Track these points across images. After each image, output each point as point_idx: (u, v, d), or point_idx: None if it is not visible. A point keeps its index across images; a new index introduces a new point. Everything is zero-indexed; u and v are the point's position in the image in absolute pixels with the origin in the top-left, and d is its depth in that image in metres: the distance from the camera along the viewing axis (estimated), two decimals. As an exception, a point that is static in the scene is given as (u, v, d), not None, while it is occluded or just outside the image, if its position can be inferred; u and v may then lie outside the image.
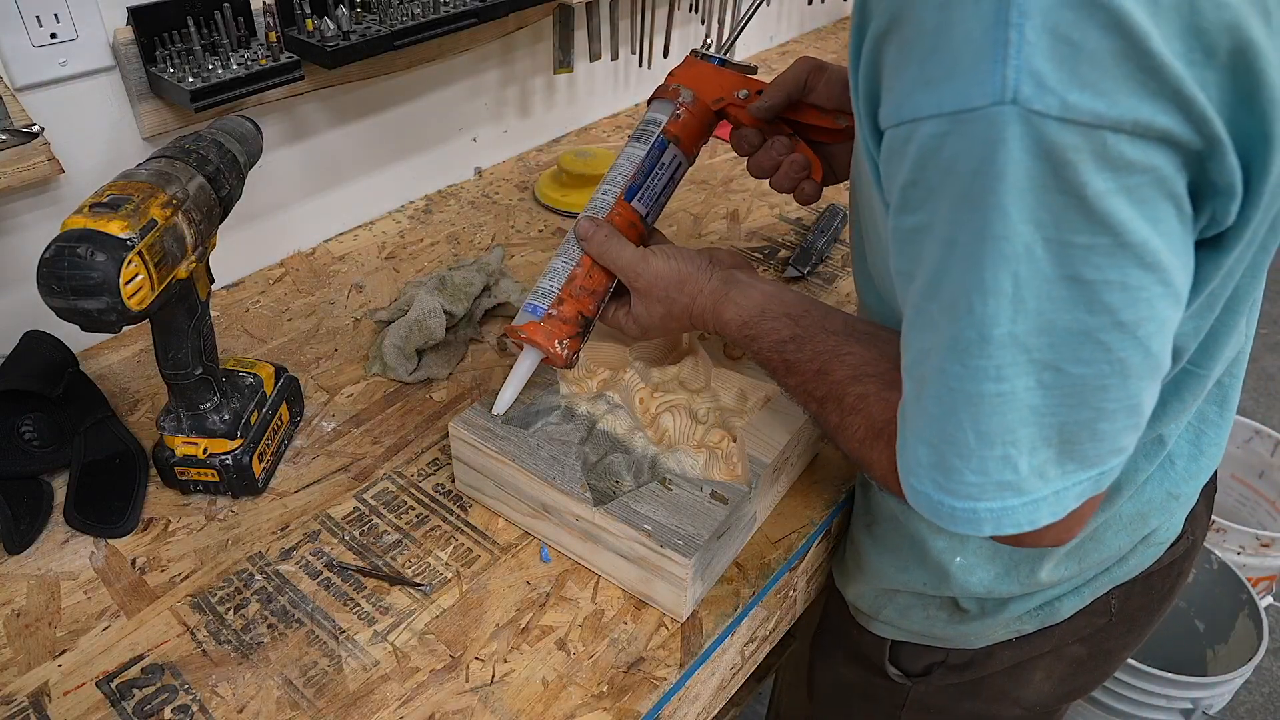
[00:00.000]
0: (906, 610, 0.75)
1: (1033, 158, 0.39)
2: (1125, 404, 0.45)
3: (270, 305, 1.01)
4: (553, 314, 0.71)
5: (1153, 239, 0.41)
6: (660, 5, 1.37)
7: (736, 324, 0.67)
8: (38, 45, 0.80)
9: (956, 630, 0.73)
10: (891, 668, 0.79)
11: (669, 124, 0.76)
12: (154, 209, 0.63)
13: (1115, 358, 0.44)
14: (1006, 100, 0.39)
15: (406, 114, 1.15)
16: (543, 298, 0.72)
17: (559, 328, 0.71)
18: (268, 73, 0.88)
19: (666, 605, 0.68)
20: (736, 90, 0.77)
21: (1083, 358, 0.44)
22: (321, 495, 0.78)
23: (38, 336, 0.83)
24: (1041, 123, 0.38)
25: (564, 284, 0.72)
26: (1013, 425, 0.46)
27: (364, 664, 0.65)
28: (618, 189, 0.74)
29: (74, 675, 0.64)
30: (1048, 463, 0.47)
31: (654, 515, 0.66)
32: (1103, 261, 0.41)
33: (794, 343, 0.63)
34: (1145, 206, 0.41)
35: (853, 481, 0.81)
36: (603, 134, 1.40)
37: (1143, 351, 0.44)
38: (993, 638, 0.73)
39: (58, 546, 0.73)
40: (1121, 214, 0.40)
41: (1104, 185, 0.39)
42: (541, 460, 0.70)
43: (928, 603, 0.73)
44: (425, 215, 1.18)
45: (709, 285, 0.69)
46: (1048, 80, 0.38)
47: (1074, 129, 0.38)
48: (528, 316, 0.72)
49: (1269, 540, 1.56)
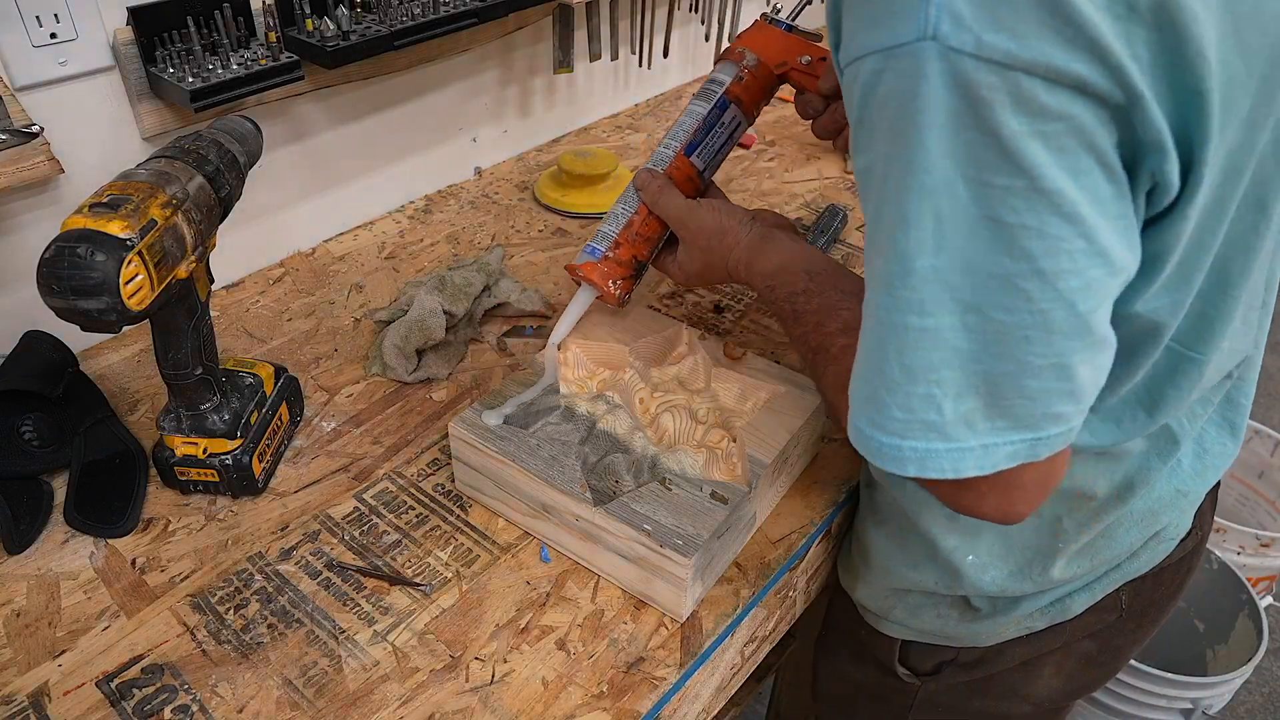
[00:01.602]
0: (917, 610, 0.75)
1: (951, 93, 0.41)
2: (1052, 362, 0.45)
3: (270, 305, 1.01)
4: (609, 256, 0.78)
5: (1070, 189, 0.42)
6: (660, 5, 1.37)
7: (762, 274, 0.71)
8: (38, 45, 0.80)
9: (968, 629, 0.73)
10: (901, 667, 0.79)
11: (731, 85, 0.80)
12: (154, 209, 0.63)
13: (1037, 308, 0.44)
14: (928, 36, 0.40)
15: (406, 114, 1.15)
16: (602, 240, 0.79)
17: (614, 269, 0.78)
18: (267, 73, 0.88)
19: (666, 605, 0.68)
20: (800, 56, 0.79)
21: (1004, 304, 0.44)
22: (321, 495, 0.78)
23: (38, 336, 0.83)
24: (959, 59, 0.40)
25: (622, 229, 0.78)
26: (937, 364, 0.46)
27: (364, 664, 0.65)
28: (679, 144, 0.79)
29: (74, 675, 0.64)
30: (975, 412, 0.47)
31: (654, 515, 0.66)
32: (1019, 204, 0.42)
33: (804, 295, 0.66)
34: (1064, 156, 0.41)
35: (854, 481, 0.81)
36: (603, 134, 1.40)
37: (1066, 308, 0.44)
38: (1003, 635, 0.73)
39: (58, 546, 0.73)
40: (1037, 157, 0.41)
41: (1019, 126, 0.40)
42: (541, 460, 0.70)
43: (938, 602, 0.73)
44: (425, 215, 1.18)
45: (746, 238, 0.73)
46: (965, 19, 0.39)
47: (989, 67, 0.40)
48: (586, 257, 0.79)
49: (1269, 540, 1.56)
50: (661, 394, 0.79)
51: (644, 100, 1.50)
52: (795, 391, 0.78)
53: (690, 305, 1.02)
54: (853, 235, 1.17)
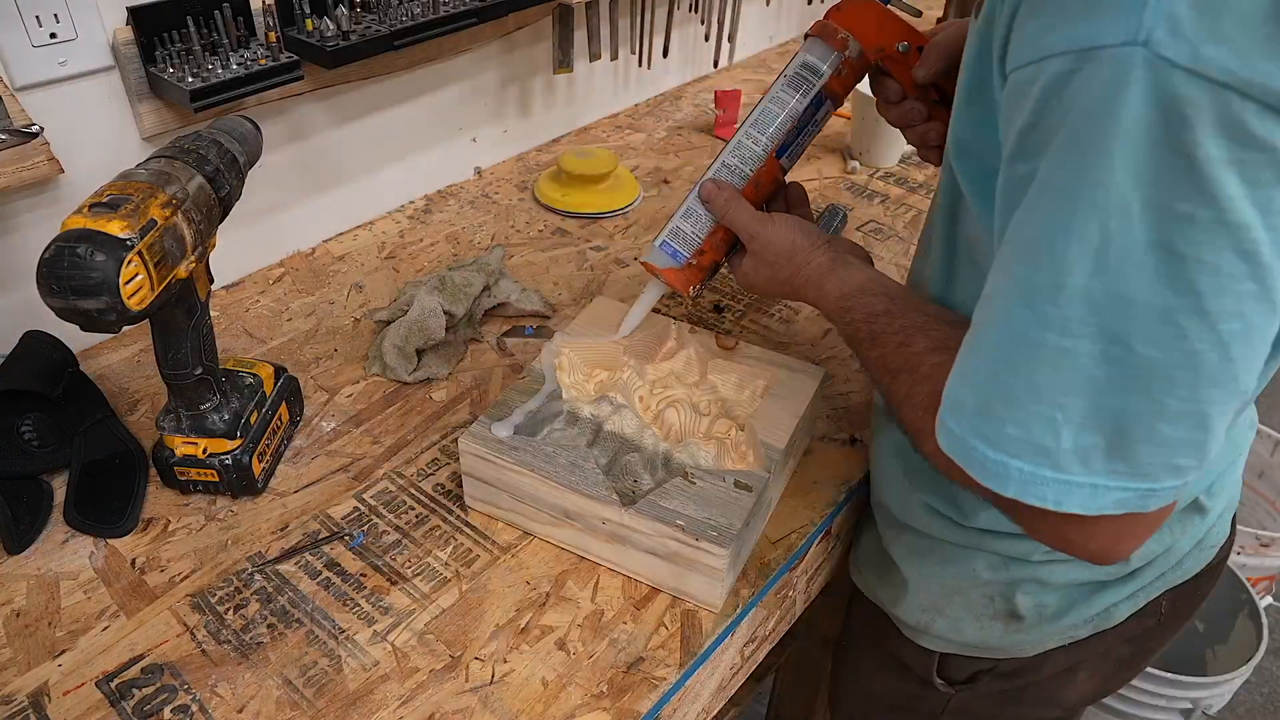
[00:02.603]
0: (958, 623, 0.73)
1: (1151, 106, 0.37)
2: (1191, 409, 0.42)
3: (270, 305, 1.01)
4: (693, 263, 0.76)
5: (1258, 226, 0.38)
6: (660, 5, 1.37)
7: (836, 296, 0.68)
8: (38, 45, 0.80)
9: (1013, 639, 0.72)
10: (938, 678, 0.77)
11: (831, 79, 0.73)
12: (154, 209, 0.63)
13: (1190, 348, 0.41)
14: (1138, 41, 0.37)
15: (406, 114, 1.15)
16: (685, 244, 0.76)
17: (696, 275, 0.77)
18: (267, 73, 0.88)
19: (701, 597, 0.69)
20: (898, 42, 0.72)
21: (1155, 338, 0.41)
22: (321, 495, 0.78)
23: (38, 336, 0.83)
24: (1168, 71, 0.37)
25: (707, 235, 0.76)
26: (1066, 388, 0.43)
27: (364, 664, 0.65)
28: (770, 143, 0.73)
29: (74, 675, 0.64)
30: (1094, 449, 0.44)
31: (684, 510, 0.67)
32: (1199, 237, 0.39)
33: (885, 316, 0.63)
34: (1258, 190, 0.38)
35: (854, 481, 0.81)
36: (602, 134, 1.40)
37: (1221, 351, 0.41)
38: (1046, 645, 0.72)
39: (57, 546, 0.73)
40: (1229, 188, 0.38)
41: (1217, 152, 0.37)
42: (560, 467, 0.70)
43: (981, 614, 0.71)
44: (425, 215, 1.18)
45: (817, 259, 0.70)
46: (1184, 27, 0.36)
47: (1200, 83, 0.36)
48: (667, 260, 0.77)
49: (1269, 540, 1.56)
50: (660, 390, 0.79)
51: (644, 100, 1.50)
52: (792, 376, 0.79)
53: (690, 305, 1.02)
54: (853, 235, 1.17)
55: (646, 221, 1.18)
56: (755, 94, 1.54)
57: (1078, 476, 0.45)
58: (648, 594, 0.71)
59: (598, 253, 1.11)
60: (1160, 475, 0.44)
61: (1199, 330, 0.40)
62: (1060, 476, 0.45)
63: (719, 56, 1.54)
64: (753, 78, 1.60)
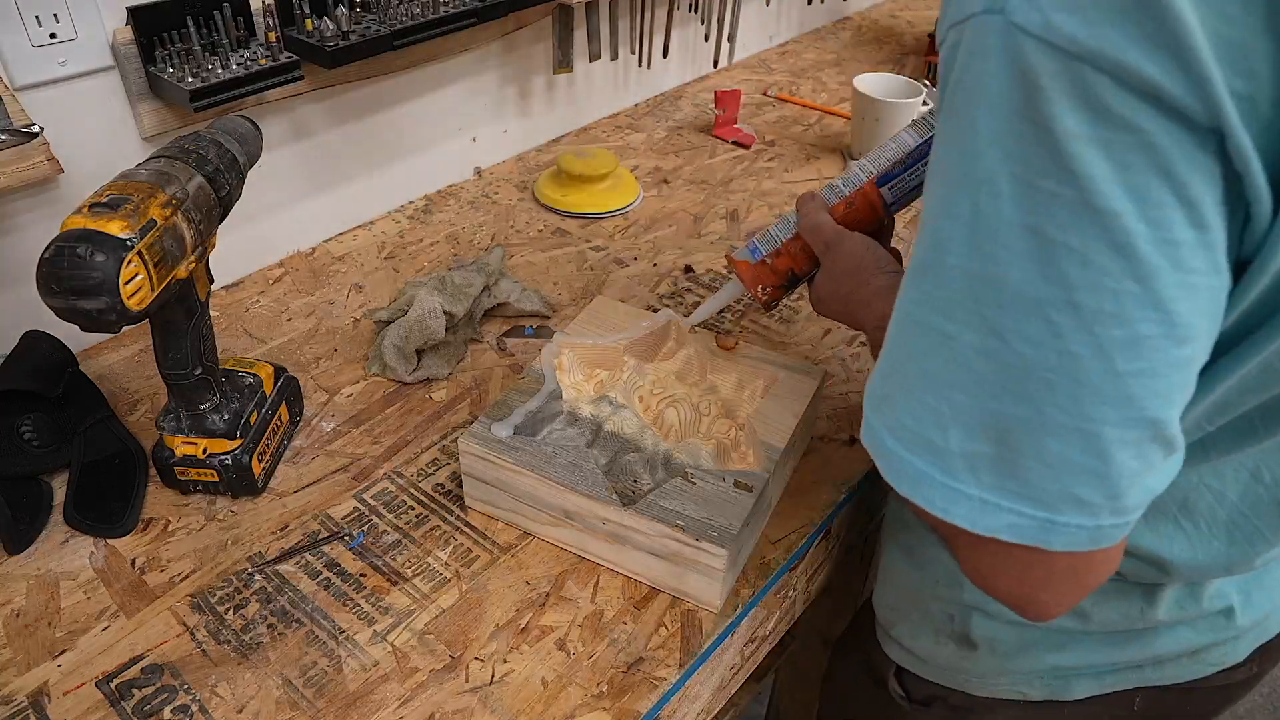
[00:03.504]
0: (917, 631, 0.72)
1: (1008, 75, 0.36)
2: (1078, 425, 0.38)
3: (270, 305, 1.01)
4: (766, 262, 0.77)
5: (1129, 215, 0.35)
6: (660, 5, 1.37)
7: (878, 318, 0.65)
8: (37, 45, 0.80)
9: (963, 666, 0.70)
10: (895, 684, 0.77)
11: None
12: (154, 209, 0.63)
13: (1065, 348, 0.37)
14: (995, 9, 0.36)
15: (406, 114, 1.15)
16: (767, 243, 0.77)
17: (766, 275, 0.77)
18: (267, 73, 0.88)
19: (700, 597, 0.69)
20: None
21: (1028, 333, 0.38)
22: (321, 495, 0.78)
23: (38, 336, 0.83)
24: (1021, 38, 0.35)
25: (788, 240, 0.76)
26: (952, 379, 0.41)
27: (364, 664, 0.65)
28: (875, 170, 0.75)
29: (73, 675, 0.64)
30: (981, 458, 0.41)
31: (683, 510, 0.67)
32: (1065, 218, 0.36)
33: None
34: (1126, 174, 0.35)
35: (854, 481, 0.81)
36: (602, 134, 1.40)
37: (1102, 360, 0.37)
38: (996, 690, 0.69)
39: (57, 546, 0.73)
40: (1092, 167, 0.35)
41: (1076, 127, 0.35)
42: (560, 467, 0.70)
43: (938, 630, 0.70)
44: (425, 215, 1.18)
45: (878, 281, 0.68)
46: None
47: (1052, 52, 0.35)
48: (745, 255, 0.78)
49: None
50: (660, 390, 0.79)
51: (644, 100, 1.50)
52: (792, 376, 0.79)
53: (690, 305, 1.02)
54: (852, 235, 1.17)
55: (646, 221, 1.18)
56: (754, 93, 1.54)
57: (967, 486, 0.41)
58: (648, 594, 0.71)
59: (598, 253, 1.11)
60: (1059, 506, 0.40)
61: (1073, 329, 0.37)
62: (949, 482, 0.42)
63: (719, 56, 1.54)
64: (752, 78, 1.60)
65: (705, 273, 1.08)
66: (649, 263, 1.10)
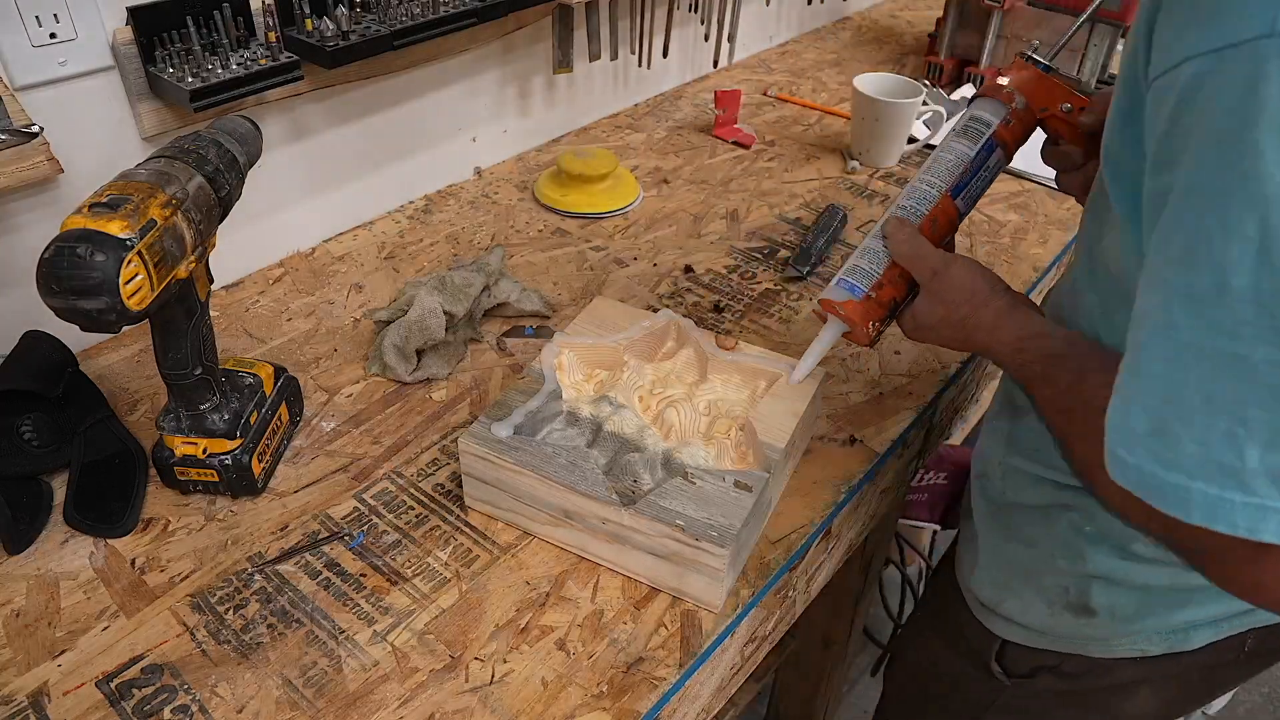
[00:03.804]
0: (1028, 606, 0.72)
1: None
2: None
3: (270, 305, 1.01)
4: (871, 296, 0.75)
5: None
6: (660, 5, 1.37)
7: (1012, 338, 0.67)
8: (37, 45, 0.80)
9: (1083, 632, 0.70)
10: (995, 665, 0.76)
11: (1000, 128, 0.75)
12: (154, 209, 0.63)
13: None
14: (1277, 33, 0.37)
15: (406, 114, 1.15)
16: (863, 278, 0.75)
17: (874, 310, 0.75)
18: (267, 73, 0.88)
19: (700, 598, 0.69)
20: (1062, 103, 0.75)
21: None
22: (321, 495, 0.78)
23: (38, 336, 0.83)
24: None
25: (886, 269, 0.75)
26: (1245, 399, 0.40)
27: (364, 664, 0.65)
28: (945, 184, 0.75)
29: (73, 675, 0.64)
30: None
31: (684, 510, 0.67)
32: None
33: (1060, 358, 0.62)
34: None
35: (854, 481, 0.81)
36: (602, 134, 1.40)
37: None
38: (1114, 651, 0.70)
39: (57, 546, 0.73)
40: None
41: None
42: (560, 467, 0.70)
43: (1053, 601, 0.70)
44: (425, 215, 1.18)
45: (996, 303, 0.69)
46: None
47: None
48: (846, 294, 0.75)
49: (1269, 540, 1.56)
50: (660, 390, 0.79)
51: (643, 100, 1.50)
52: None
53: (690, 305, 1.02)
54: (852, 235, 1.17)
55: (646, 221, 1.18)
56: (755, 93, 1.54)
57: (1273, 499, 0.41)
58: (648, 594, 0.71)
59: (598, 253, 1.11)
60: None
61: None
62: (1251, 500, 0.41)
63: (719, 56, 1.54)
64: (752, 78, 1.61)
65: (705, 273, 1.08)
66: (649, 263, 1.10)
